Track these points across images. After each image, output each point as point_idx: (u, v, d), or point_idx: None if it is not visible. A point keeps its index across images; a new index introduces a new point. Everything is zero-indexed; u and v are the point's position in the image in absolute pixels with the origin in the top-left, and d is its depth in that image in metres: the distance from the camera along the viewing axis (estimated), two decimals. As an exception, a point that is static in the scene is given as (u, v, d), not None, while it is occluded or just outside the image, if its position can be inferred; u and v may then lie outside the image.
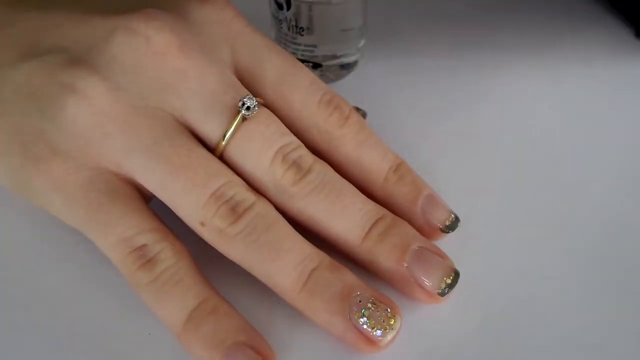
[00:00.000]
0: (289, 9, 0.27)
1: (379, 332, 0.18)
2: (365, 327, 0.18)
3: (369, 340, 0.19)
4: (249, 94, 0.21)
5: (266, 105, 0.22)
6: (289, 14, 0.28)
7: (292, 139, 0.21)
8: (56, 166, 0.20)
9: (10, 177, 0.21)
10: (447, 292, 0.20)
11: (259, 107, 0.21)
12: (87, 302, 0.21)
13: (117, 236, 0.19)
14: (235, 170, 0.21)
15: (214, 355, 0.18)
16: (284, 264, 0.19)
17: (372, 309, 0.19)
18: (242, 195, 0.20)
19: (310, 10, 0.27)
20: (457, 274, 0.20)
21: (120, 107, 0.20)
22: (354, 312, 0.19)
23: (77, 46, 0.21)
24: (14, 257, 0.23)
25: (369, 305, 0.19)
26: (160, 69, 0.20)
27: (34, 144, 0.20)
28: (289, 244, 0.20)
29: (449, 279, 0.20)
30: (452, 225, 0.22)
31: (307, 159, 0.21)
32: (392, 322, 0.19)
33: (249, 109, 0.20)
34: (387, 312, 0.19)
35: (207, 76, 0.21)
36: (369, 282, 0.20)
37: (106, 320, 0.21)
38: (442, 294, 0.20)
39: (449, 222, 0.22)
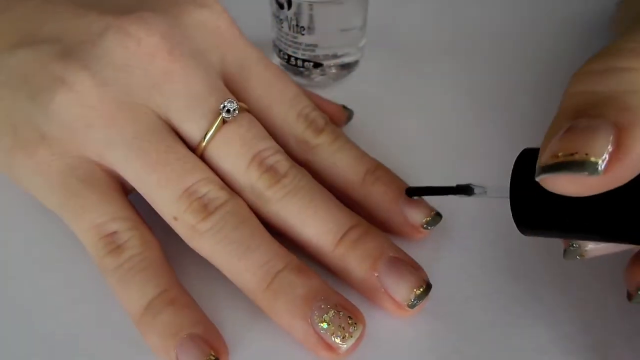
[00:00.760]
0: (289, 8, 0.27)
1: (338, 339, 0.18)
2: (324, 332, 0.18)
3: (328, 346, 0.19)
4: (233, 98, 0.22)
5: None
6: (290, 13, 0.28)
7: (271, 143, 0.22)
8: (42, 151, 0.21)
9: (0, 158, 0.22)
10: (417, 303, 0.20)
11: (240, 111, 0.21)
12: (87, 302, 0.21)
13: (90, 222, 0.20)
14: (214, 170, 0.21)
15: (167, 344, 0.18)
16: (250, 262, 0.20)
17: (334, 315, 0.19)
18: (215, 193, 0.20)
19: (311, 9, 0.27)
20: (428, 286, 0.20)
21: (105, 101, 0.21)
22: (315, 316, 0.19)
23: (71, 38, 0.21)
24: (14, 257, 0.23)
25: (330, 311, 0.19)
26: (147, 69, 0.21)
27: (24, 128, 0.21)
28: (257, 243, 0.20)
29: (419, 291, 0.20)
30: (433, 221, 0.22)
31: (284, 163, 0.21)
32: (352, 330, 0.19)
33: (229, 112, 0.21)
34: (348, 319, 0.19)
35: (192, 78, 0.21)
36: (342, 289, 0.20)
37: (106, 320, 0.21)
38: (411, 306, 0.20)
39: (429, 217, 0.22)
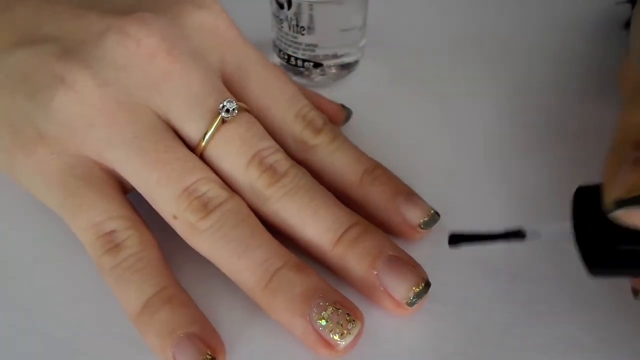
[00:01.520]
0: (289, 8, 0.27)
1: (336, 336, 0.19)
2: (323, 330, 0.19)
3: (327, 343, 0.19)
4: (232, 98, 0.22)
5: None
6: (290, 13, 0.28)
7: (271, 143, 0.22)
8: (41, 150, 0.21)
9: None
10: (416, 301, 0.20)
11: (240, 111, 0.21)
12: (88, 301, 0.21)
13: (88, 220, 0.20)
14: (214, 170, 0.21)
15: (165, 343, 0.18)
16: (250, 261, 0.20)
17: (332, 312, 0.19)
18: (215, 191, 0.20)
19: (311, 9, 0.27)
20: (427, 284, 0.20)
21: (106, 101, 0.21)
22: (313, 314, 0.19)
23: (72, 38, 0.21)
24: (14, 257, 0.23)
25: (329, 308, 0.19)
26: (147, 69, 0.21)
27: (23, 127, 0.21)
28: (256, 242, 0.20)
29: (418, 289, 0.20)
30: (431, 221, 0.22)
31: (284, 163, 0.21)
32: (350, 327, 0.19)
33: (228, 111, 0.21)
34: (347, 316, 0.19)
35: (192, 79, 0.21)
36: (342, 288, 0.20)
37: (107, 319, 0.21)
38: (410, 304, 0.20)
39: (427, 217, 0.22)
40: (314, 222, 0.21)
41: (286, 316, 0.19)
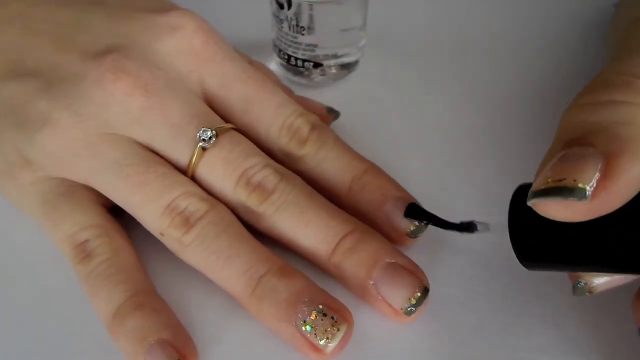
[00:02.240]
0: (289, 8, 0.27)
1: (322, 341, 0.19)
2: (309, 335, 0.19)
3: (315, 347, 0.19)
4: (214, 120, 0.22)
5: (237, 130, 0.23)
6: (290, 13, 0.28)
7: (257, 159, 0.22)
8: (26, 175, 0.22)
9: None
10: (413, 310, 0.20)
11: (221, 133, 0.22)
12: (88, 301, 0.21)
13: (65, 232, 0.21)
14: (207, 191, 0.22)
15: (137, 350, 0.19)
16: (233, 270, 0.20)
17: (317, 318, 0.19)
18: (195, 205, 0.21)
19: (311, 9, 0.27)
20: (425, 291, 0.20)
21: (88, 134, 0.21)
22: (299, 319, 0.19)
23: (53, 75, 0.22)
24: (14, 257, 0.23)
25: (313, 313, 0.19)
26: (126, 107, 0.22)
27: (10, 154, 0.22)
28: (238, 250, 0.20)
29: (414, 299, 0.20)
30: (418, 229, 0.22)
31: (272, 178, 0.21)
32: (335, 331, 0.19)
33: (205, 140, 0.21)
34: (332, 320, 0.19)
35: (170, 110, 0.22)
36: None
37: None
38: (408, 313, 0.20)
39: (413, 227, 0.22)
40: (308, 235, 0.21)
41: (273, 322, 0.19)
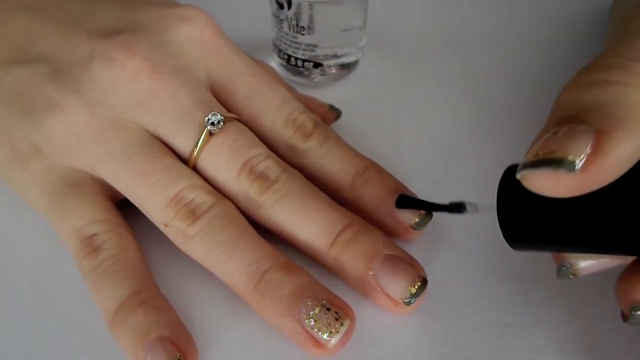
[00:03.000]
0: (289, 8, 0.27)
1: (325, 335, 0.19)
2: (312, 329, 0.19)
3: (317, 342, 0.19)
4: (220, 109, 0.22)
5: (240, 122, 0.23)
6: (290, 13, 0.28)
7: (261, 150, 0.22)
8: (35, 163, 0.22)
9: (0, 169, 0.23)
10: (413, 301, 0.20)
11: (228, 122, 0.22)
12: (89, 301, 0.21)
13: (72, 225, 0.21)
14: (209, 180, 0.22)
15: (136, 347, 0.19)
16: (237, 264, 0.20)
17: (320, 312, 0.19)
18: (202, 197, 0.21)
19: (311, 9, 0.27)
20: (424, 282, 0.20)
21: (95, 120, 0.21)
22: (302, 314, 0.19)
23: (61, 60, 0.22)
24: (15, 257, 0.23)
25: (317, 308, 0.19)
26: (133, 89, 0.22)
27: (19, 142, 0.22)
28: (243, 245, 0.20)
29: (414, 288, 0.20)
30: (423, 222, 0.22)
31: (274, 169, 0.22)
32: (338, 326, 0.19)
33: (214, 124, 0.21)
34: (336, 315, 0.19)
35: (178, 95, 0.22)
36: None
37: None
38: (408, 303, 0.20)
39: (418, 218, 0.22)
40: (307, 227, 0.21)
41: (275, 317, 0.19)
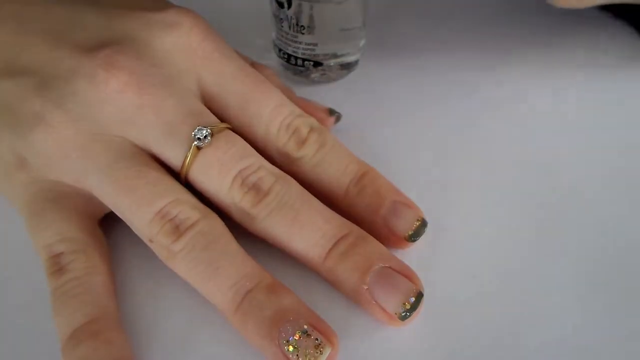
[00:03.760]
0: (289, 7, 0.27)
1: None
2: (291, 356, 0.18)
3: None
4: (210, 119, 0.22)
5: (233, 130, 0.22)
6: (290, 12, 0.28)
7: (252, 160, 0.21)
8: (21, 175, 0.22)
9: None
10: (408, 315, 0.20)
11: (218, 132, 0.21)
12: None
13: (43, 240, 0.21)
14: (202, 193, 0.22)
15: None
16: (220, 283, 0.19)
17: (300, 338, 0.18)
18: (187, 213, 0.20)
19: (311, 9, 0.27)
20: (420, 296, 0.20)
21: (80, 135, 0.21)
22: (282, 339, 0.18)
23: (47, 72, 0.22)
24: (15, 257, 0.23)
25: (297, 333, 0.18)
26: (119, 105, 0.21)
27: (6, 154, 0.22)
28: (227, 263, 0.20)
29: (409, 304, 0.20)
30: (416, 232, 0.22)
31: (267, 179, 0.21)
32: (318, 355, 0.18)
33: (200, 139, 0.21)
34: (315, 342, 0.18)
35: (164, 108, 0.21)
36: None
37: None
38: (402, 318, 0.20)
39: (412, 231, 0.22)
40: (302, 238, 0.21)
41: (256, 340, 0.19)
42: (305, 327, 0.19)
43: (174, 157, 0.21)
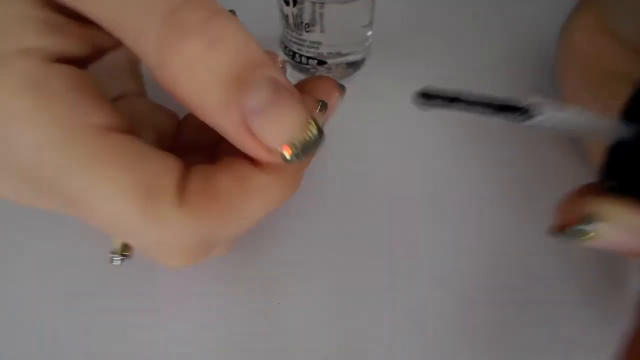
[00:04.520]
0: (294, 5, 0.27)
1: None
2: None
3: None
4: None
5: None
6: (295, 10, 0.28)
7: None
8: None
9: None
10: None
11: None
12: (89, 301, 0.22)
13: None
14: None
15: None
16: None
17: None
18: None
19: (316, 7, 0.27)
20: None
21: None
22: None
23: None
24: (15, 257, 0.23)
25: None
26: None
27: None
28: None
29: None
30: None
31: None
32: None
33: None
34: None
35: None
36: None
37: (107, 320, 0.21)
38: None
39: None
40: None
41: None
42: None
43: None
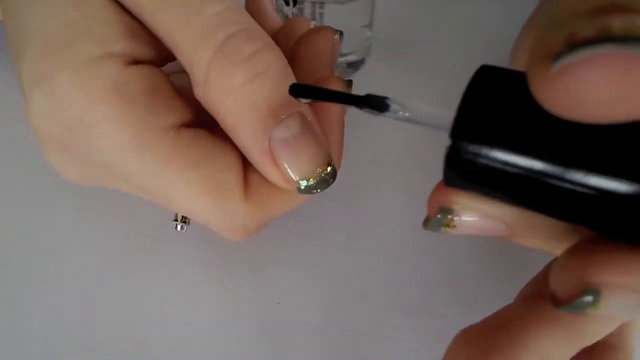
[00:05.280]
0: (294, 5, 0.27)
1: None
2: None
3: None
4: None
5: None
6: (295, 10, 0.28)
7: None
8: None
9: None
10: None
11: None
12: (88, 302, 0.22)
13: None
14: None
15: None
16: None
17: None
18: None
19: (315, 7, 0.27)
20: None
21: None
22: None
23: None
24: (15, 256, 0.23)
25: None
26: None
27: None
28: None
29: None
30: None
31: None
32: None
33: None
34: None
35: None
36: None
37: (107, 320, 0.21)
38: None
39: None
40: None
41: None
42: None
43: None
